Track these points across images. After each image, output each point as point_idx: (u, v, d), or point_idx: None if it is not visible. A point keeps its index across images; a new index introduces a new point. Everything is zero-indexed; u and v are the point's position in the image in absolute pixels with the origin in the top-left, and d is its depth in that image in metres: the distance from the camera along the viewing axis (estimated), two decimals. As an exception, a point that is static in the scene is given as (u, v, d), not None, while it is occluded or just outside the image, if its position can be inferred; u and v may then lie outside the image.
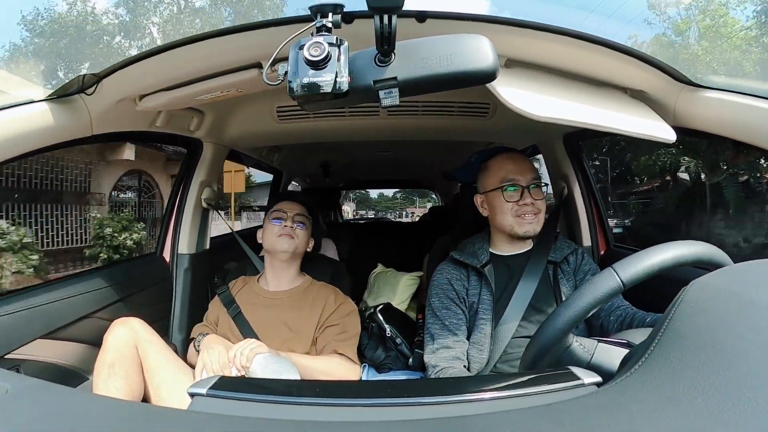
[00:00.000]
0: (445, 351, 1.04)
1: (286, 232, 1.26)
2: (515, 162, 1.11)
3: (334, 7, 0.56)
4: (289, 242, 1.26)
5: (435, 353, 1.05)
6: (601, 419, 0.36)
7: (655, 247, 0.60)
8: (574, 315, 0.59)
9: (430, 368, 1.03)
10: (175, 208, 1.56)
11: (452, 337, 1.05)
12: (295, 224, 1.30)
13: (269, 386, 0.64)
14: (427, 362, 1.05)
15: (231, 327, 1.24)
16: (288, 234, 1.26)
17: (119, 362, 1.02)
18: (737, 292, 0.44)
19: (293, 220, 1.29)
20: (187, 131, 1.40)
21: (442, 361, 1.02)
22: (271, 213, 1.33)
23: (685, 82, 0.92)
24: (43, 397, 0.45)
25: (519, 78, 0.86)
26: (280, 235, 1.26)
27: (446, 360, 1.02)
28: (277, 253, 1.28)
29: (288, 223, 1.28)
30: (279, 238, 1.26)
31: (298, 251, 1.30)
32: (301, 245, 1.31)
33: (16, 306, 0.99)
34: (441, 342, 1.05)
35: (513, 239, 1.12)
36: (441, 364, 1.01)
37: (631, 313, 0.95)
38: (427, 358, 1.06)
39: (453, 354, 1.03)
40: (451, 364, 1.01)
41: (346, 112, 1.46)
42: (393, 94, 0.59)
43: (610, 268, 0.60)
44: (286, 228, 1.27)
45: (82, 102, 0.99)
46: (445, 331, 1.07)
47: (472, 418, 0.39)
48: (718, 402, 0.33)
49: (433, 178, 4.17)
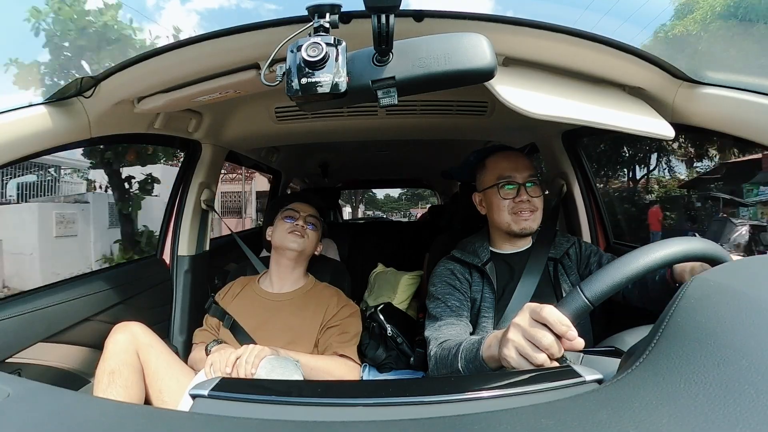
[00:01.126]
0: (449, 327, 0.99)
1: (297, 230, 1.27)
2: (511, 160, 1.11)
3: (331, 7, 0.56)
4: (298, 241, 1.27)
5: (438, 329, 1.00)
6: (602, 416, 0.36)
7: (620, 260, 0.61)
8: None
9: (432, 341, 0.96)
10: (175, 210, 1.56)
11: (455, 317, 1.02)
12: (307, 225, 1.31)
13: (271, 387, 0.64)
14: (428, 335, 1.00)
15: (229, 337, 1.24)
16: (298, 232, 1.27)
17: (119, 371, 1.02)
18: (738, 288, 0.44)
19: (305, 220, 1.31)
20: (186, 133, 1.40)
21: (443, 335, 0.97)
22: (283, 211, 1.34)
23: (683, 78, 0.92)
24: (44, 400, 0.45)
25: (517, 76, 0.86)
26: (290, 232, 1.27)
27: (447, 334, 0.97)
28: (286, 251, 1.28)
29: (300, 222, 1.29)
30: (289, 235, 1.27)
31: (306, 252, 1.30)
32: (310, 246, 1.31)
33: (17, 310, 0.99)
34: (444, 320, 1.01)
35: (511, 237, 1.12)
36: (443, 336, 0.96)
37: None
38: (427, 332, 1.01)
39: (457, 331, 0.98)
40: (452, 337, 0.95)
41: (344, 112, 1.46)
42: (391, 94, 0.59)
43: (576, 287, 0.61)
44: (297, 226, 1.28)
45: (80, 105, 0.99)
46: (447, 311, 1.03)
47: (473, 416, 0.39)
48: (720, 398, 0.33)
49: (432, 177, 4.18)
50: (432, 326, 1.02)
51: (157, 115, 1.21)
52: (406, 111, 1.46)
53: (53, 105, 0.94)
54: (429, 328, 1.03)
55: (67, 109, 0.97)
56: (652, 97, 0.96)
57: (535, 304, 0.62)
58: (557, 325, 0.58)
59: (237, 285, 1.37)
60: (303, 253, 1.29)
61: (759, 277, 0.47)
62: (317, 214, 1.35)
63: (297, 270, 1.33)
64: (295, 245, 1.26)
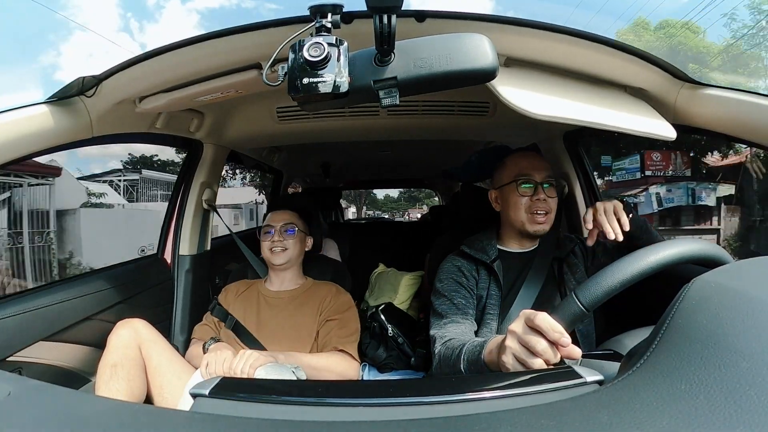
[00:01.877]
0: (454, 325, 1.00)
1: (277, 247, 1.30)
2: (531, 159, 1.13)
3: (333, 8, 0.56)
4: (281, 255, 1.30)
5: (443, 327, 1.00)
6: (603, 417, 0.36)
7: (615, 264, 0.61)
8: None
9: (438, 339, 0.96)
10: (176, 210, 1.56)
11: (461, 315, 1.03)
12: (285, 234, 1.32)
13: (271, 387, 0.64)
14: (433, 334, 1.00)
15: (231, 337, 1.26)
16: (279, 247, 1.30)
17: (121, 364, 1.03)
18: (739, 289, 0.43)
19: (280, 232, 1.32)
20: (187, 132, 1.40)
21: (449, 333, 0.97)
22: (263, 227, 1.37)
23: (685, 79, 0.92)
24: (45, 399, 0.45)
25: (519, 77, 0.86)
26: (272, 250, 1.31)
27: (452, 333, 0.97)
28: (273, 265, 1.33)
29: (276, 237, 1.31)
30: (272, 254, 1.31)
31: (292, 258, 1.33)
32: (295, 251, 1.33)
33: (18, 308, 0.99)
34: (450, 318, 1.02)
35: (522, 236, 1.13)
36: (448, 334, 0.96)
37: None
38: (433, 331, 1.01)
39: (462, 329, 0.99)
40: (457, 336, 0.95)
41: (346, 112, 1.46)
42: (393, 94, 0.59)
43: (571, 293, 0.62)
44: (276, 243, 1.31)
45: (82, 104, 0.99)
46: (453, 309, 1.04)
47: (474, 417, 0.39)
48: (721, 399, 0.33)
49: (433, 178, 4.18)
50: (437, 324, 1.03)
51: (159, 115, 1.21)
52: (407, 111, 1.46)
53: (55, 104, 0.94)
54: (434, 326, 1.03)
55: (68, 108, 0.97)
56: (653, 98, 0.96)
57: (530, 311, 0.63)
58: (550, 332, 0.59)
59: (242, 284, 1.39)
60: (289, 261, 1.32)
61: (760, 279, 0.46)
62: (294, 218, 1.37)
63: (291, 271, 1.36)
64: (278, 260, 1.30)
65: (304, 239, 1.38)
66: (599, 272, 0.61)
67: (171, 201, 1.59)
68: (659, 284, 0.72)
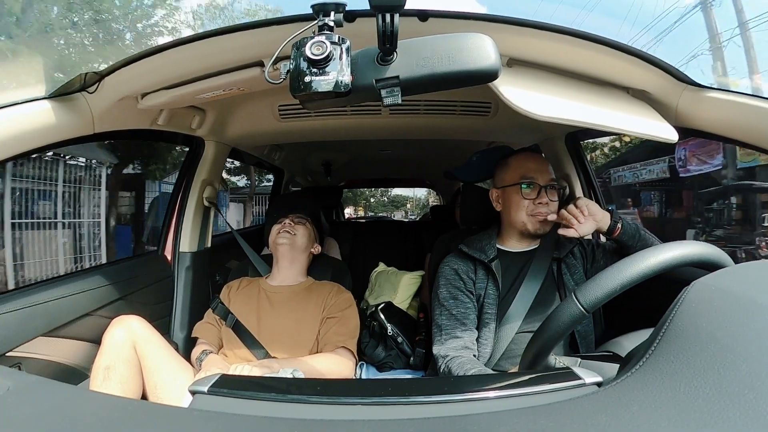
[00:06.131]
0: (454, 341, 1.04)
1: (285, 228, 1.35)
2: (536, 161, 1.13)
3: (336, 6, 0.56)
4: (287, 236, 1.34)
5: (444, 344, 1.05)
6: (601, 419, 0.36)
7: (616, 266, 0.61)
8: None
9: (440, 359, 1.02)
10: (177, 207, 1.56)
11: (460, 327, 1.06)
12: (296, 223, 1.37)
13: (270, 384, 0.64)
14: (436, 353, 1.05)
15: (231, 335, 1.26)
16: (287, 230, 1.34)
17: (114, 366, 1.02)
18: (739, 292, 0.43)
19: (292, 220, 1.38)
20: (189, 129, 1.40)
21: (451, 351, 1.02)
22: (273, 216, 1.41)
23: (687, 82, 0.91)
24: (44, 394, 0.45)
25: (521, 77, 0.86)
26: (279, 232, 1.35)
27: (455, 350, 1.02)
28: (278, 247, 1.34)
29: (287, 222, 1.36)
30: (278, 235, 1.34)
31: (297, 244, 1.35)
32: (301, 239, 1.36)
33: (18, 304, 0.99)
34: (449, 332, 1.06)
35: (523, 236, 1.14)
36: (450, 353, 1.01)
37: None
38: (435, 349, 1.06)
39: (461, 343, 1.03)
40: (459, 353, 1.01)
41: (347, 110, 1.46)
42: (395, 93, 0.58)
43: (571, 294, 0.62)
44: (285, 225, 1.36)
45: (84, 100, 0.99)
46: (452, 321, 1.07)
47: (473, 417, 0.39)
48: (719, 402, 0.33)
49: (434, 177, 4.17)
50: (438, 340, 1.07)
51: (161, 112, 1.21)
52: (409, 110, 1.46)
53: (57, 100, 0.94)
54: (436, 342, 1.07)
55: (70, 104, 0.97)
56: (655, 100, 0.95)
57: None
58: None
59: (244, 281, 1.40)
60: (294, 246, 1.35)
61: (760, 282, 0.46)
62: (302, 214, 1.42)
63: (295, 265, 1.37)
64: (284, 240, 1.33)
65: (312, 237, 1.40)
66: (600, 273, 0.61)
67: (172, 198, 1.59)
68: (659, 286, 0.72)
